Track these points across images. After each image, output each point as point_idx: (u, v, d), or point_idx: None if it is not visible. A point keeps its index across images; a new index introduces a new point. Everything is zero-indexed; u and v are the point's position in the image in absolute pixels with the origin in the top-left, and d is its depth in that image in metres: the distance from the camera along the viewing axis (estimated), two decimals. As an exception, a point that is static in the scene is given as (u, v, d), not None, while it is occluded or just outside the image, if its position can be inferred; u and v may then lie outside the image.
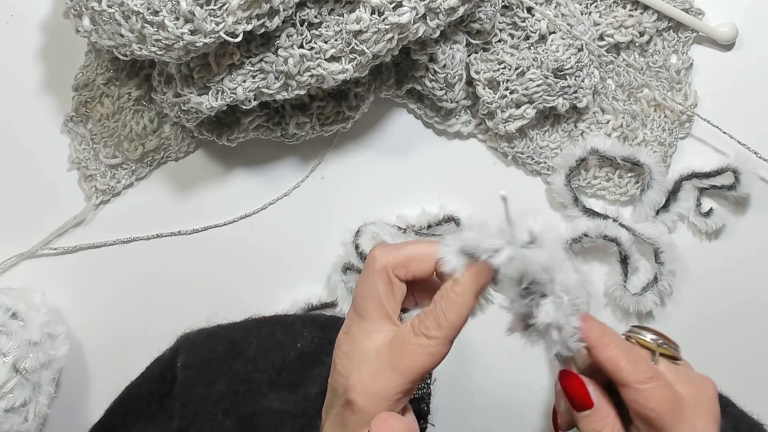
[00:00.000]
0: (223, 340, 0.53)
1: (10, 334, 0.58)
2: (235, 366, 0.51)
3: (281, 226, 0.64)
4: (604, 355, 0.40)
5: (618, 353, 0.40)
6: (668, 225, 0.62)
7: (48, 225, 0.63)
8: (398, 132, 0.64)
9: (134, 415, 0.52)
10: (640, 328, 0.44)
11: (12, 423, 0.57)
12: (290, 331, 0.53)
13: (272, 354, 0.52)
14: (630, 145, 0.62)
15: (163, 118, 0.63)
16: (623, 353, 0.40)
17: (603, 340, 0.40)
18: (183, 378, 0.51)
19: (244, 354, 0.52)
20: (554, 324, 0.37)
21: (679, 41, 0.62)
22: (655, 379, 0.39)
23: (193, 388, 0.50)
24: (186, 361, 0.52)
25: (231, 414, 0.49)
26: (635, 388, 0.39)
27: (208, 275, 0.64)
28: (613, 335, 0.40)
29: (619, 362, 0.39)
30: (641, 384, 0.39)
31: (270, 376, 0.50)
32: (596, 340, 0.40)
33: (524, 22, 0.59)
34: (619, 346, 0.40)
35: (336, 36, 0.52)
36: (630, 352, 0.40)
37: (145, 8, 0.49)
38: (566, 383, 0.41)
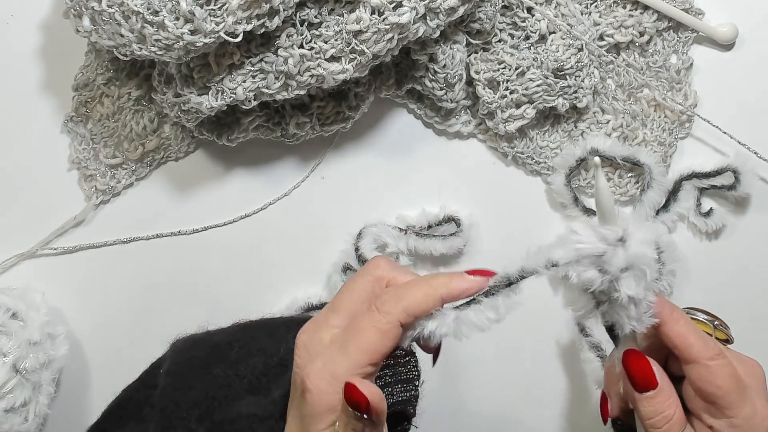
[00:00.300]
0: (206, 346, 0.52)
1: (10, 334, 0.58)
2: (215, 371, 0.50)
3: (281, 226, 0.64)
4: (676, 330, 0.39)
5: (688, 329, 0.40)
6: (668, 225, 0.62)
7: (48, 225, 0.63)
8: (398, 132, 0.64)
9: (128, 420, 0.52)
10: (693, 309, 0.43)
11: (12, 423, 0.57)
12: (275, 335, 0.52)
13: (254, 359, 0.51)
14: (630, 145, 0.62)
15: (163, 118, 0.63)
16: (693, 329, 0.39)
17: (674, 315, 0.39)
18: (163, 384, 0.51)
19: (225, 359, 0.51)
20: (636, 298, 0.37)
21: (679, 41, 0.62)
22: (722, 356, 0.39)
23: (171, 394, 0.50)
24: (168, 368, 0.51)
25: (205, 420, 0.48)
26: (704, 365, 0.39)
27: (208, 275, 0.64)
28: (683, 312, 0.40)
29: (690, 338, 0.39)
30: (710, 360, 0.39)
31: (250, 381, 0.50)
32: (668, 316, 0.39)
33: (524, 22, 0.59)
34: (688, 323, 0.40)
35: (336, 36, 0.52)
36: (698, 329, 0.40)
37: (145, 8, 0.49)
38: (632, 363, 0.40)
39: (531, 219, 0.63)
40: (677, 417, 0.39)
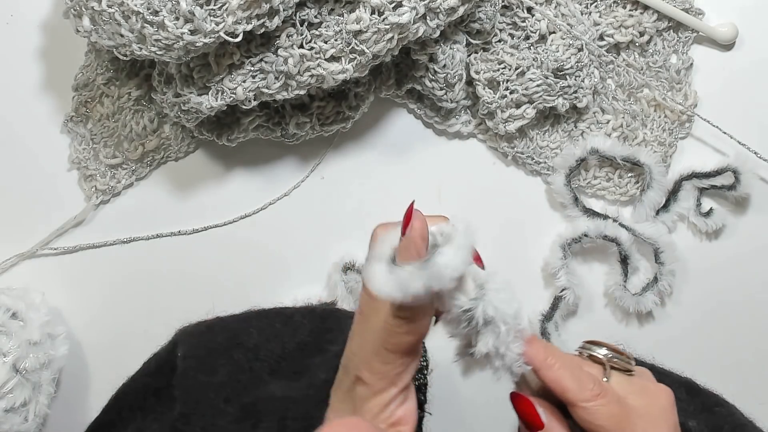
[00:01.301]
0: (223, 331, 0.53)
1: (10, 334, 0.58)
2: (235, 355, 0.51)
3: (281, 226, 0.64)
4: (549, 376, 0.40)
5: (562, 373, 0.40)
6: (668, 225, 0.62)
7: (48, 225, 0.63)
8: (398, 132, 0.64)
9: (130, 411, 0.52)
10: (592, 343, 0.44)
11: (12, 423, 0.57)
12: (289, 322, 0.53)
13: (272, 344, 0.52)
14: (630, 145, 0.62)
15: (163, 118, 0.63)
16: (568, 372, 0.40)
17: (547, 361, 0.40)
18: (184, 367, 0.51)
19: (244, 344, 0.52)
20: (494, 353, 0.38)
21: (679, 41, 0.62)
22: (601, 396, 0.40)
23: (194, 376, 0.50)
24: (186, 352, 0.52)
25: (233, 401, 0.49)
26: (582, 407, 0.40)
27: (208, 275, 0.64)
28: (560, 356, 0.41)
29: (563, 382, 0.40)
30: (587, 402, 0.40)
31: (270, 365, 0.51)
32: (541, 362, 0.40)
33: (524, 22, 0.59)
34: (564, 366, 0.40)
35: (336, 36, 0.52)
36: (576, 371, 0.40)
37: (145, 8, 0.49)
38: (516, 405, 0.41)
39: (531, 219, 0.64)
40: None
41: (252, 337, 0.52)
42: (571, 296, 0.61)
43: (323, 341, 0.52)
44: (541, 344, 0.41)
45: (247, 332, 0.53)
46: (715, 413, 0.50)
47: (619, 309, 0.63)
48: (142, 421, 0.51)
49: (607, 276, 0.63)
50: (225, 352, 0.52)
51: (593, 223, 0.61)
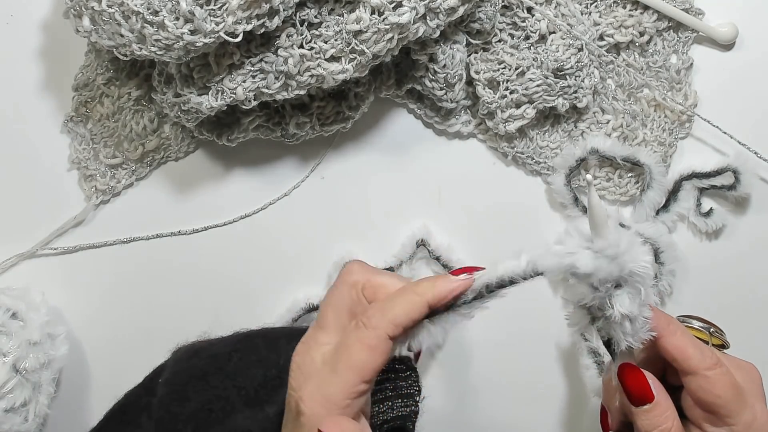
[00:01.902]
0: (206, 356, 0.52)
1: (10, 334, 0.58)
2: (213, 382, 0.50)
3: (281, 226, 0.64)
4: (673, 343, 0.39)
5: (685, 341, 0.40)
6: (668, 225, 0.62)
7: (48, 225, 0.63)
8: (398, 132, 0.64)
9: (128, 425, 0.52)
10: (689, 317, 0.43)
11: (12, 423, 0.57)
12: (274, 346, 0.52)
13: (253, 370, 0.51)
14: (630, 145, 0.62)
15: (163, 118, 0.63)
16: (691, 340, 0.40)
17: (670, 327, 0.39)
18: (161, 394, 0.50)
19: (224, 369, 0.51)
20: (630, 316, 0.37)
21: (679, 41, 0.62)
22: (720, 365, 0.40)
23: (167, 405, 0.50)
24: (166, 377, 0.51)
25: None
26: (703, 375, 0.39)
27: (208, 275, 0.64)
28: (679, 324, 0.40)
29: (688, 350, 0.39)
30: (708, 370, 0.39)
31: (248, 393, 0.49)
32: (664, 329, 0.39)
33: (524, 22, 0.59)
34: (685, 334, 0.40)
35: (336, 36, 0.52)
36: (695, 340, 0.40)
37: (145, 8, 0.49)
38: (628, 377, 0.40)
39: (531, 219, 0.63)
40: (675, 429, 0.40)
41: (232, 363, 0.51)
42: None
43: None
44: (661, 312, 0.40)
45: (228, 357, 0.52)
46: None
47: (619, 309, 0.63)
48: None
49: (607, 276, 0.63)
50: (202, 378, 0.50)
51: (593, 223, 0.61)
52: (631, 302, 0.37)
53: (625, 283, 0.36)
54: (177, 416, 0.49)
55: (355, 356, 0.37)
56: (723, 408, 0.39)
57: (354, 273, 0.41)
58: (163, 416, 0.49)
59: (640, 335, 0.38)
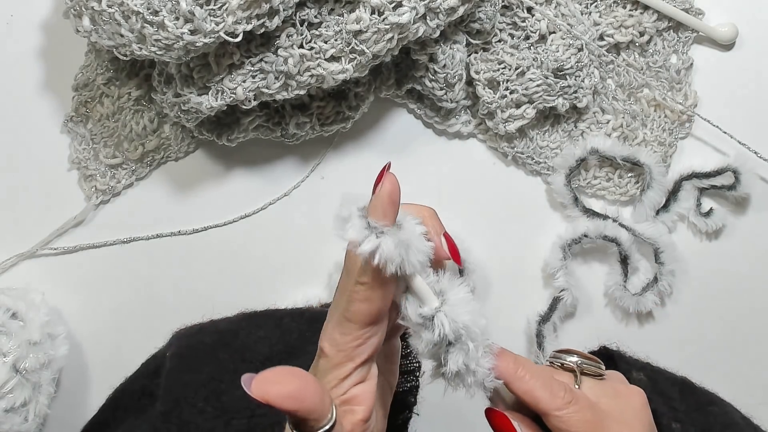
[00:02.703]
0: (212, 333, 0.53)
1: (10, 334, 0.58)
2: (221, 356, 0.51)
3: (281, 226, 0.64)
4: (521, 388, 0.40)
5: (533, 384, 0.40)
6: (668, 225, 0.62)
7: (48, 225, 0.63)
8: (398, 132, 0.64)
9: (124, 411, 0.52)
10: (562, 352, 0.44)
11: (12, 423, 0.57)
12: (279, 324, 0.53)
13: (259, 345, 0.52)
14: (630, 145, 0.62)
15: (163, 118, 0.63)
16: (540, 383, 0.40)
17: (518, 374, 0.40)
18: (169, 367, 0.51)
19: (231, 345, 0.52)
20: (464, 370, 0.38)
21: (679, 41, 0.62)
22: (573, 404, 0.40)
23: (177, 375, 0.51)
24: (174, 352, 0.52)
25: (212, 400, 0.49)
26: (555, 416, 0.40)
27: (208, 275, 0.64)
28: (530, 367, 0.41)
29: (535, 393, 0.40)
30: (559, 411, 0.40)
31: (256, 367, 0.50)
32: (511, 375, 0.40)
33: (524, 22, 0.59)
34: (534, 377, 0.40)
35: (336, 36, 0.52)
36: (547, 381, 0.41)
37: (145, 8, 0.49)
38: (492, 420, 0.41)
39: (531, 219, 0.63)
40: None
41: (239, 339, 0.52)
42: (569, 297, 0.61)
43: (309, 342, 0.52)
44: (510, 357, 0.41)
45: (235, 334, 0.53)
46: (708, 412, 0.50)
47: (619, 309, 0.63)
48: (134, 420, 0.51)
49: (607, 276, 0.63)
50: (211, 353, 0.52)
51: (593, 224, 0.61)
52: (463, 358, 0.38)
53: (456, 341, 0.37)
54: (187, 384, 0.50)
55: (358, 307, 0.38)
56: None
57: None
58: (173, 385, 0.50)
59: (486, 384, 0.39)
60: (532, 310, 0.62)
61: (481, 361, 0.38)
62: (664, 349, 0.61)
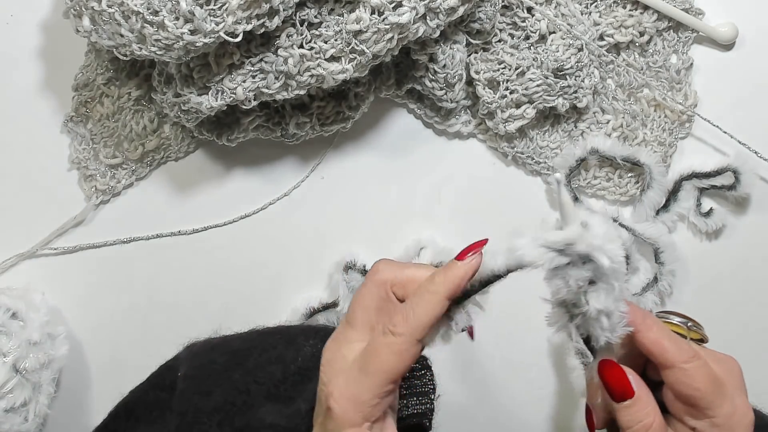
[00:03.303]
0: (225, 351, 0.53)
1: (10, 334, 0.58)
2: (234, 377, 0.51)
3: (281, 226, 0.64)
4: (650, 337, 0.40)
5: (662, 334, 0.40)
6: (668, 225, 0.62)
7: (48, 225, 0.63)
8: (398, 132, 0.64)
9: (136, 421, 0.52)
10: (667, 313, 0.44)
11: (12, 423, 0.57)
12: (293, 343, 0.53)
13: (273, 366, 0.51)
14: (630, 145, 0.62)
15: (163, 118, 0.63)
16: (667, 334, 0.40)
17: (646, 322, 0.40)
18: (181, 388, 0.51)
19: (244, 365, 0.52)
20: (606, 311, 0.37)
21: (679, 41, 0.62)
22: (697, 358, 0.40)
23: (190, 398, 0.50)
24: (186, 372, 0.52)
25: (225, 425, 0.49)
26: (681, 368, 0.39)
27: (208, 275, 0.64)
28: (655, 318, 0.40)
29: (664, 343, 0.39)
30: (686, 363, 0.39)
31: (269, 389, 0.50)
32: (641, 324, 0.40)
33: (524, 22, 0.59)
34: (661, 329, 0.40)
35: (336, 36, 0.52)
36: (672, 334, 0.40)
37: (145, 8, 0.49)
38: (607, 373, 0.40)
39: (531, 219, 0.63)
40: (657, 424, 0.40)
41: (252, 358, 0.52)
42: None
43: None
44: (637, 307, 0.40)
45: (248, 353, 0.52)
46: None
47: (619, 309, 0.63)
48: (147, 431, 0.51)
49: (607, 276, 0.63)
50: (224, 373, 0.51)
51: (593, 224, 0.61)
52: (606, 297, 0.37)
53: (599, 279, 0.37)
54: (201, 409, 0.49)
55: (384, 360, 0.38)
56: (702, 400, 0.39)
57: (381, 272, 0.42)
58: (187, 409, 0.50)
59: (617, 330, 0.38)
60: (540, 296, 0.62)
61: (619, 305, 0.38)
62: (664, 349, 0.61)
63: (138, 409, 0.52)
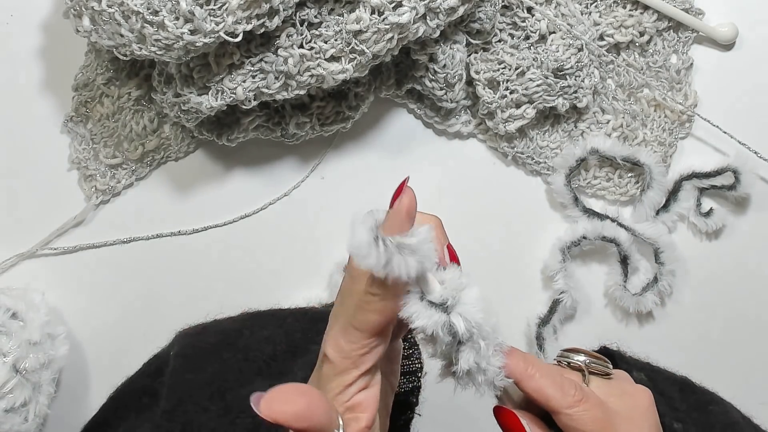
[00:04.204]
0: (216, 332, 0.54)
1: (10, 334, 0.58)
2: (225, 355, 0.51)
3: (281, 226, 0.64)
4: (531, 386, 0.40)
5: (544, 382, 0.40)
6: (668, 225, 0.62)
7: (48, 225, 0.63)
8: (398, 132, 0.64)
9: (125, 410, 0.52)
10: (569, 351, 0.44)
11: (12, 423, 0.57)
12: (283, 324, 0.54)
13: (263, 345, 0.52)
14: (630, 145, 0.62)
15: (163, 118, 0.63)
16: (550, 381, 0.40)
17: (528, 372, 0.40)
18: (173, 365, 0.51)
19: (235, 344, 0.52)
20: (475, 369, 0.38)
21: (679, 41, 0.62)
22: (584, 401, 0.40)
23: (181, 374, 0.51)
24: (178, 351, 0.52)
25: (216, 398, 0.49)
26: (566, 414, 0.40)
27: (208, 275, 0.64)
28: (539, 365, 0.41)
29: (546, 391, 0.40)
30: (570, 409, 0.40)
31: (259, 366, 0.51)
32: (521, 374, 0.40)
33: (524, 22, 0.59)
34: (545, 375, 0.40)
35: (336, 36, 0.52)
36: (557, 379, 0.41)
37: (145, 8, 0.49)
38: (500, 418, 0.41)
39: (531, 219, 0.63)
40: None
41: (243, 338, 0.52)
42: (568, 300, 0.61)
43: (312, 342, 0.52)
44: (520, 355, 0.41)
45: (239, 333, 0.53)
46: (709, 412, 0.50)
47: (619, 309, 0.63)
48: (135, 420, 0.51)
49: (607, 276, 0.63)
50: (215, 352, 0.52)
51: (591, 225, 0.61)
52: (475, 356, 0.37)
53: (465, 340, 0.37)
54: (191, 382, 0.50)
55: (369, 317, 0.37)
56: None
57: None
58: (177, 382, 0.50)
59: (496, 383, 0.39)
60: (531, 312, 0.62)
61: (492, 360, 0.38)
62: (664, 349, 0.61)
63: (126, 398, 0.53)
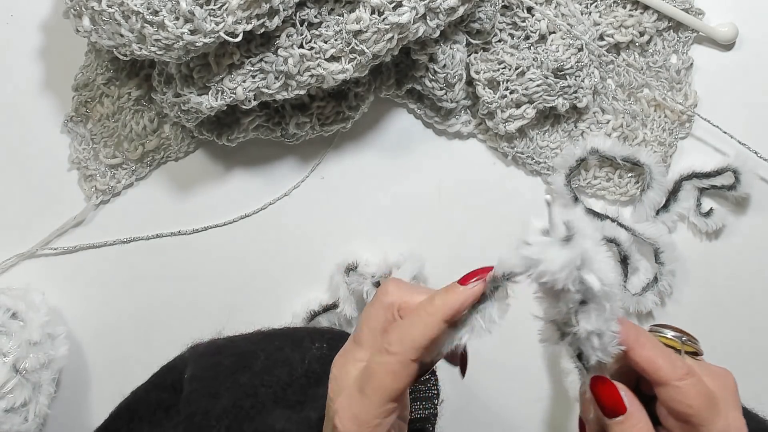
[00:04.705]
0: (231, 353, 0.53)
1: (10, 334, 0.58)
2: (241, 380, 0.51)
3: (281, 226, 0.64)
4: (643, 355, 0.39)
5: (655, 352, 0.40)
6: (668, 225, 0.62)
7: (48, 225, 0.63)
8: (398, 132, 0.64)
9: (139, 422, 0.52)
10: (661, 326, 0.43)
11: (12, 423, 0.57)
12: (299, 346, 0.53)
13: (279, 369, 0.51)
14: (630, 145, 0.62)
15: (163, 118, 0.63)
16: (660, 351, 0.40)
17: (639, 340, 0.40)
18: (188, 390, 0.51)
19: (251, 368, 0.51)
20: (596, 332, 0.37)
21: (679, 41, 0.62)
22: (691, 375, 0.40)
23: (197, 401, 0.50)
24: (193, 373, 0.52)
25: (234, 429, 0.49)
26: (674, 386, 0.39)
27: (208, 275, 0.64)
28: (648, 335, 0.40)
29: (657, 361, 0.39)
30: (679, 381, 0.39)
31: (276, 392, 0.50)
32: (633, 342, 0.40)
33: (524, 22, 0.59)
34: (655, 346, 0.40)
35: (336, 36, 0.52)
36: (665, 351, 0.40)
37: (145, 8, 0.49)
38: (599, 390, 0.40)
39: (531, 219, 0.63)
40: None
41: (259, 361, 0.52)
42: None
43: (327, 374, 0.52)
44: (630, 324, 0.40)
45: (254, 355, 0.52)
46: None
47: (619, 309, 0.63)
48: None
49: (607, 276, 0.63)
50: (231, 375, 0.51)
51: (591, 224, 0.61)
52: (596, 318, 0.37)
53: (590, 300, 0.36)
54: (209, 412, 0.49)
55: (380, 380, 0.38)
56: (695, 417, 0.39)
57: (389, 294, 0.42)
58: (195, 411, 0.50)
59: (609, 350, 0.38)
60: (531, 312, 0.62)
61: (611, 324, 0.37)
62: (664, 349, 0.61)
63: (141, 409, 0.52)
